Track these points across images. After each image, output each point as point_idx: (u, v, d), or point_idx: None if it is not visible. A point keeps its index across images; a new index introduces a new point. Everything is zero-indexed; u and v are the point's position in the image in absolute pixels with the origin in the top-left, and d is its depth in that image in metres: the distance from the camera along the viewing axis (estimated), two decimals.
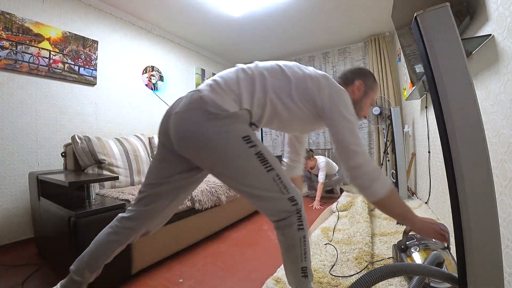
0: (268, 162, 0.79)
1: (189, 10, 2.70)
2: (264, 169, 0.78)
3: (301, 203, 0.82)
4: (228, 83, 0.83)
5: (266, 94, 0.84)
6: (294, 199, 0.80)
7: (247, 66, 0.90)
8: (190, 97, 0.81)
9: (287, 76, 0.88)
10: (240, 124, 0.79)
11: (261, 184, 0.79)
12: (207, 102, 0.77)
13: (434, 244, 1.15)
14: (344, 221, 2.00)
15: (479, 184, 0.57)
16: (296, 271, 0.85)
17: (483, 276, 0.57)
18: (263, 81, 0.85)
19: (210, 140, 0.76)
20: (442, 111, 0.59)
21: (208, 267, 1.45)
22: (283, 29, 3.21)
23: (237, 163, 0.78)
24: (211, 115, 0.76)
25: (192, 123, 0.78)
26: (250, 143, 0.78)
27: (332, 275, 1.22)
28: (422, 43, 0.61)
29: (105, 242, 0.92)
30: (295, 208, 0.80)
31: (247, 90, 0.83)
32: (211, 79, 0.85)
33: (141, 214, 0.91)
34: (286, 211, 0.80)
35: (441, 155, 1.27)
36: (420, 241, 1.18)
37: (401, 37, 2.10)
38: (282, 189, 0.80)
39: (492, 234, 0.57)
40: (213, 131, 0.76)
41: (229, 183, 0.84)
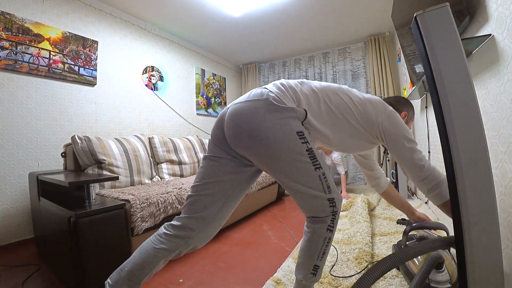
0: (317, 160, 0.81)
1: (189, 10, 2.70)
2: (312, 166, 0.80)
3: (339, 207, 0.84)
4: (292, 87, 0.87)
5: (329, 107, 0.88)
6: (333, 201, 0.82)
7: (307, 81, 0.95)
8: (253, 92, 0.86)
9: (349, 96, 0.92)
10: (296, 120, 0.81)
11: (307, 180, 0.80)
12: (270, 95, 0.81)
13: None
14: (344, 221, 2.00)
15: (479, 184, 0.57)
16: (308, 266, 0.87)
17: (483, 276, 0.57)
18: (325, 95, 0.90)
19: (266, 128, 0.77)
20: (442, 111, 0.59)
21: (208, 267, 1.45)
22: (283, 29, 3.21)
23: (288, 155, 0.79)
24: (272, 106, 0.79)
25: (252, 111, 0.80)
26: (303, 139, 0.80)
27: (333, 275, 1.22)
28: (422, 43, 0.61)
29: (151, 250, 0.84)
30: (331, 209, 0.82)
31: (308, 99, 0.87)
32: (278, 82, 0.91)
33: (190, 222, 0.86)
34: (323, 211, 0.82)
35: (441, 155, 1.27)
36: (420, 241, 1.18)
37: (401, 37, 2.10)
38: (326, 189, 0.81)
39: (492, 234, 0.57)
40: (271, 120, 0.78)
41: (277, 175, 0.84)
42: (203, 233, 0.88)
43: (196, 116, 3.63)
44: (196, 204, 0.87)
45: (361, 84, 3.73)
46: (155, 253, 0.84)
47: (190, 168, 2.56)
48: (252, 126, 0.79)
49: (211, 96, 3.94)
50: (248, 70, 4.54)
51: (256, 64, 4.48)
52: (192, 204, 0.87)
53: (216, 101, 4.04)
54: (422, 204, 2.30)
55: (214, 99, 4.01)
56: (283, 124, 0.78)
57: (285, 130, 0.78)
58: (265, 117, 0.78)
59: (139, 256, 0.84)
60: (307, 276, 0.87)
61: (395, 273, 1.19)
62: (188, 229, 0.85)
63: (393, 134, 0.89)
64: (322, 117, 0.88)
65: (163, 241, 0.85)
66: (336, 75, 3.92)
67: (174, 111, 3.27)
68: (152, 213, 1.41)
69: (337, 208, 0.83)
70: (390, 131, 0.89)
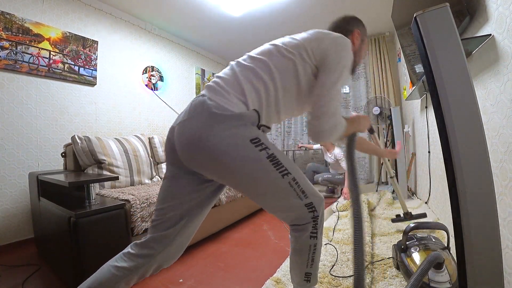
0: (282, 165, 0.72)
1: (189, 10, 2.70)
2: (279, 174, 0.72)
3: (320, 210, 0.77)
4: (228, 80, 0.77)
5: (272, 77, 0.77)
6: (312, 205, 0.75)
7: (241, 58, 0.85)
8: (193, 103, 0.76)
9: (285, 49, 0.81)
10: (247, 126, 0.72)
11: (275, 191, 0.73)
12: (210, 105, 0.71)
13: (434, 244, 1.15)
14: (344, 221, 2.00)
15: (479, 184, 0.57)
16: (300, 274, 0.83)
17: (483, 276, 0.57)
18: (262, 65, 0.78)
19: (216, 145, 0.69)
20: (442, 111, 0.59)
21: (208, 267, 1.45)
22: (283, 29, 3.21)
23: (247, 169, 0.71)
24: (215, 118, 0.70)
25: (196, 128, 0.71)
26: (261, 146, 0.71)
27: (332, 275, 1.22)
28: (422, 43, 0.61)
29: (112, 269, 0.77)
30: (311, 215, 0.76)
31: (247, 79, 0.76)
32: (211, 81, 0.81)
33: (153, 241, 0.79)
34: (302, 218, 0.76)
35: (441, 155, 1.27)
36: (420, 241, 1.18)
37: (401, 37, 2.10)
38: (300, 195, 0.74)
39: (492, 234, 0.57)
40: (219, 134, 0.69)
41: (242, 191, 0.78)
42: (166, 251, 0.80)
43: None
44: (159, 226, 0.80)
45: (361, 84, 3.73)
46: (116, 272, 0.76)
47: None
48: (201, 147, 0.70)
49: None
50: None
51: None
52: (155, 227, 0.80)
53: None
54: (422, 204, 2.30)
55: None
56: (232, 136, 0.69)
57: (237, 142, 0.70)
58: (212, 133, 0.69)
59: (100, 274, 0.78)
60: (301, 283, 0.84)
61: (395, 273, 1.19)
62: (150, 248, 0.78)
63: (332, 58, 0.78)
64: (274, 100, 0.78)
65: (125, 259, 0.78)
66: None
67: (174, 111, 3.27)
68: (152, 213, 1.41)
69: (318, 213, 0.76)
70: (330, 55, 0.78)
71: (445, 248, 1.11)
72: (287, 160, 0.75)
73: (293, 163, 0.77)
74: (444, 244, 1.14)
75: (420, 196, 2.57)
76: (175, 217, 0.80)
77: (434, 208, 2.09)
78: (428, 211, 2.12)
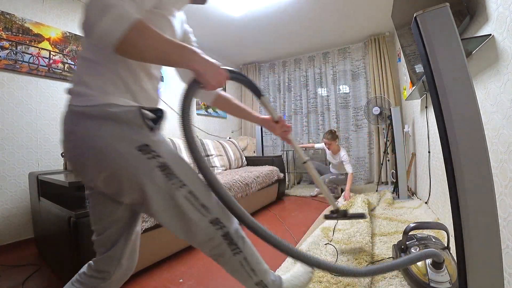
0: (175, 176, 0.60)
1: (189, 10, 2.70)
2: (171, 186, 0.60)
3: (229, 224, 0.66)
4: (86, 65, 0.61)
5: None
6: (218, 221, 0.64)
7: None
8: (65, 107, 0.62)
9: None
10: (131, 129, 0.58)
11: (168, 208, 0.60)
12: (77, 106, 0.58)
13: (434, 244, 1.15)
14: (344, 221, 2.00)
15: (479, 184, 0.57)
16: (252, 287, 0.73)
17: (483, 276, 0.57)
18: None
19: (97, 156, 0.57)
20: (442, 111, 0.59)
21: (208, 267, 1.44)
22: (283, 29, 3.21)
23: (132, 182, 0.58)
24: (87, 125, 0.56)
25: (72, 141, 0.59)
26: (149, 154, 0.58)
27: (332, 274, 1.22)
28: (422, 43, 0.61)
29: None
30: (220, 233, 0.64)
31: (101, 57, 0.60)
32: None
33: (103, 263, 0.73)
34: (210, 239, 0.64)
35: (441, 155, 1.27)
36: (420, 241, 1.18)
37: (401, 37, 2.10)
38: (200, 209, 0.62)
39: (492, 234, 0.57)
40: (97, 144, 0.56)
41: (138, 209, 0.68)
42: (120, 269, 0.74)
43: (196, 116, 3.63)
44: (100, 245, 0.73)
45: (361, 84, 3.73)
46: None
47: None
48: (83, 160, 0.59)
49: None
50: (248, 70, 4.54)
51: (256, 64, 4.48)
52: (98, 246, 0.74)
53: None
54: (422, 204, 2.30)
55: None
56: (113, 144, 0.56)
57: (119, 151, 0.57)
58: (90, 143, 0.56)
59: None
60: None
61: (395, 273, 1.19)
62: (103, 272, 0.72)
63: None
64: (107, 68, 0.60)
65: (81, 281, 0.73)
66: (336, 75, 3.92)
67: (174, 111, 3.27)
68: None
69: (227, 228, 0.65)
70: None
71: (445, 248, 1.11)
72: (183, 168, 0.63)
73: (193, 173, 0.66)
74: (444, 244, 1.14)
75: (420, 196, 2.57)
76: (109, 235, 0.73)
77: (434, 208, 2.09)
78: (428, 211, 2.12)
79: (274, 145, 4.43)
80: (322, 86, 4.06)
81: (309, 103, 4.13)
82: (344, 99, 3.90)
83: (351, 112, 3.81)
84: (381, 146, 3.49)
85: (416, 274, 1.03)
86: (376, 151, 3.57)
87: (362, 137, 3.74)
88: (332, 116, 3.91)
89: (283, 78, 4.35)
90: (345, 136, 3.87)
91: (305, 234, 1.86)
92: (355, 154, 3.78)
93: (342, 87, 3.92)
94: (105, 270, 0.72)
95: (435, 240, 1.18)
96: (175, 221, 0.62)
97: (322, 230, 1.80)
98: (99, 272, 0.72)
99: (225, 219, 0.66)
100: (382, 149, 3.46)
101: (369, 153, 3.70)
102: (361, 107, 3.71)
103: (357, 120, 3.78)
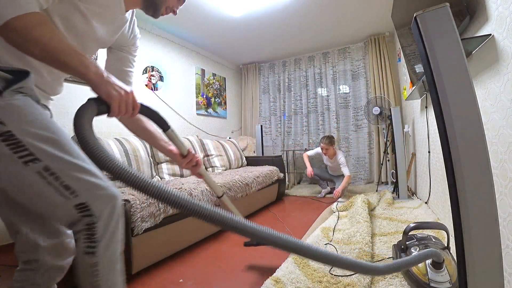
0: (25, 147, 0.50)
1: (189, 10, 2.70)
2: (19, 160, 0.50)
3: (101, 213, 0.55)
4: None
5: None
6: (85, 207, 0.53)
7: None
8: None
9: None
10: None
11: (20, 187, 0.53)
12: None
13: (434, 244, 1.15)
14: (344, 221, 2.00)
15: (479, 184, 0.57)
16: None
17: (483, 276, 0.57)
18: None
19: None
20: (442, 111, 0.59)
21: (208, 267, 1.45)
22: (283, 29, 3.21)
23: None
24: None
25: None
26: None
27: (332, 274, 1.22)
28: (421, 43, 0.61)
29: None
30: (86, 221, 0.54)
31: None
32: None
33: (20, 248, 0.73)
34: (69, 223, 0.55)
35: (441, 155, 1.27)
36: (420, 241, 1.18)
37: (401, 37, 2.10)
38: (62, 191, 0.52)
39: (492, 234, 0.57)
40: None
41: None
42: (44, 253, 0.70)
43: (196, 116, 3.63)
44: (11, 236, 0.72)
45: (361, 84, 3.73)
46: None
47: None
48: None
49: (211, 96, 3.94)
50: (248, 70, 4.54)
51: (256, 64, 4.48)
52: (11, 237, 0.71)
53: (216, 101, 4.04)
54: (422, 204, 2.30)
55: (214, 99, 4.01)
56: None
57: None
58: None
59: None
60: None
61: (395, 273, 1.19)
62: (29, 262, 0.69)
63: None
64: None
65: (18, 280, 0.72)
66: (336, 75, 3.92)
67: (174, 111, 3.27)
68: (152, 213, 1.41)
69: (96, 217, 0.54)
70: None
71: (445, 248, 1.11)
72: (38, 138, 0.52)
73: (55, 141, 0.54)
74: (444, 244, 1.14)
75: (420, 196, 2.57)
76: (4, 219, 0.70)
77: (434, 208, 2.09)
78: (428, 211, 2.12)
79: (274, 145, 4.43)
80: (322, 86, 4.06)
81: (309, 103, 4.13)
82: (344, 99, 3.90)
83: (351, 112, 3.81)
84: (381, 146, 3.50)
85: (416, 274, 1.03)
86: (376, 151, 3.57)
87: (362, 137, 3.74)
88: (332, 116, 3.91)
89: (283, 78, 4.36)
90: (345, 136, 3.87)
91: (305, 234, 1.86)
92: (355, 154, 3.79)
93: (342, 87, 3.92)
94: (30, 259, 0.68)
95: (435, 240, 1.18)
96: (35, 201, 0.54)
97: (322, 230, 1.80)
98: (26, 263, 0.69)
99: (96, 207, 0.54)
100: (382, 149, 3.47)
101: (369, 153, 3.70)
102: (361, 107, 3.71)
103: (357, 120, 3.78)
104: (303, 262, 1.34)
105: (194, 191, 1.70)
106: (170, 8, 0.83)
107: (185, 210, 0.42)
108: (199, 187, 1.78)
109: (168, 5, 0.82)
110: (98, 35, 0.73)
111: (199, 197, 1.70)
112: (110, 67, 0.90)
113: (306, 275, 1.23)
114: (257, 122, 4.45)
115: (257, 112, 4.50)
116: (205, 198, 1.75)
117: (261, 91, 4.54)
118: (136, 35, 0.92)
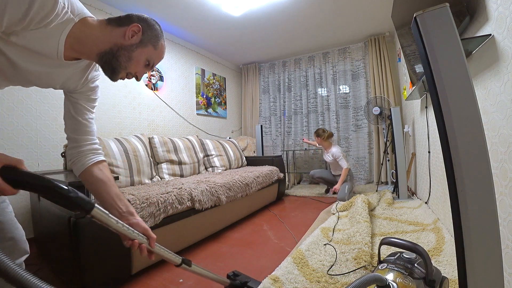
0: None
1: (189, 10, 2.70)
2: None
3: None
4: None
5: None
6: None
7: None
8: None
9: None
10: None
11: None
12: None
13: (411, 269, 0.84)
14: (344, 221, 2.00)
15: (479, 184, 0.57)
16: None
17: (483, 276, 0.57)
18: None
19: None
20: (441, 111, 0.59)
21: (207, 267, 1.44)
22: (283, 29, 3.21)
23: None
24: None
25: None
26: None
27: (330, 275, 1.22)
28: (421, 43, 0.61)
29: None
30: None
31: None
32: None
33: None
34: None
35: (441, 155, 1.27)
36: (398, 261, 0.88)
37: (401, 37, 2.10)
38: None
39: (492, 234, 0.57)
40: None
41: None
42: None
43: (196, 116, 3.63)
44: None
45: (361, 84, 3.73)
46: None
47: (190, 168, 2.56)
48: None
49: (211, 96, 3.94)
50: (248, 70, 4.54)
51: (256, 64, 4.48)
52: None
53: (216, 101, 4.04)
54: (422, 204, 2.30)
55: (214, 99, 4.01)
56: None
57: None
58: None
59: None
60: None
61: None
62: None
63: None
64: None
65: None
66: (336, 75, 3.92)
67: (174, 111, 3.27)
68: (152, 213, 1.41)
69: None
70: None
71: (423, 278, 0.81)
72: None
73: None
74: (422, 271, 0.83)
75: (420, 196, 2.57)
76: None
77: (434, 208, 2.09)
78: (428, 211, 2.12)
79: (274, 145, 4.44)
80: (322, 86, 4.06)
81: (309, 103, 4.13)
82: (344, 99, 3.90)
83: (351, 112, 3.81)
84: (381, 146, 3.50)
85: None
86: (376, 151, 3.57)
87: (362, 137, 3.74)
88: (332, 116, 3.91)
89: (283, 78, 4.36)
90: (345, 136, 3.87)
91: (305, 234, 1.86)
92: (355, 154, 3.79)
93: (342, 87, 3.92)
94: None
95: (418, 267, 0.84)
96: None
97: (322, 230, 1.80)
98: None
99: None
100: (382, 149, 3.47)
101: (369, 153, 3.70)
102: (361, 107, 3.71)
103: (357, 120, 3.78)
104: (302, 262, 1.34)
105: (194, 191, 1.70)
106: (132, 74, 0.76)
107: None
108: (199, 187, 1.78)
109: (130, 71, 0.75)
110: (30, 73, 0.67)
111: (199, 197, 1.70)
112: (66, 112, 0.85)
113: (304, 275, 1.23)
114: (257, 122, 4.45)
115: (257, 112, 4.50)
116: (205, 198, 1.75)
117: (261, 91, 4.54)
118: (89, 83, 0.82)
